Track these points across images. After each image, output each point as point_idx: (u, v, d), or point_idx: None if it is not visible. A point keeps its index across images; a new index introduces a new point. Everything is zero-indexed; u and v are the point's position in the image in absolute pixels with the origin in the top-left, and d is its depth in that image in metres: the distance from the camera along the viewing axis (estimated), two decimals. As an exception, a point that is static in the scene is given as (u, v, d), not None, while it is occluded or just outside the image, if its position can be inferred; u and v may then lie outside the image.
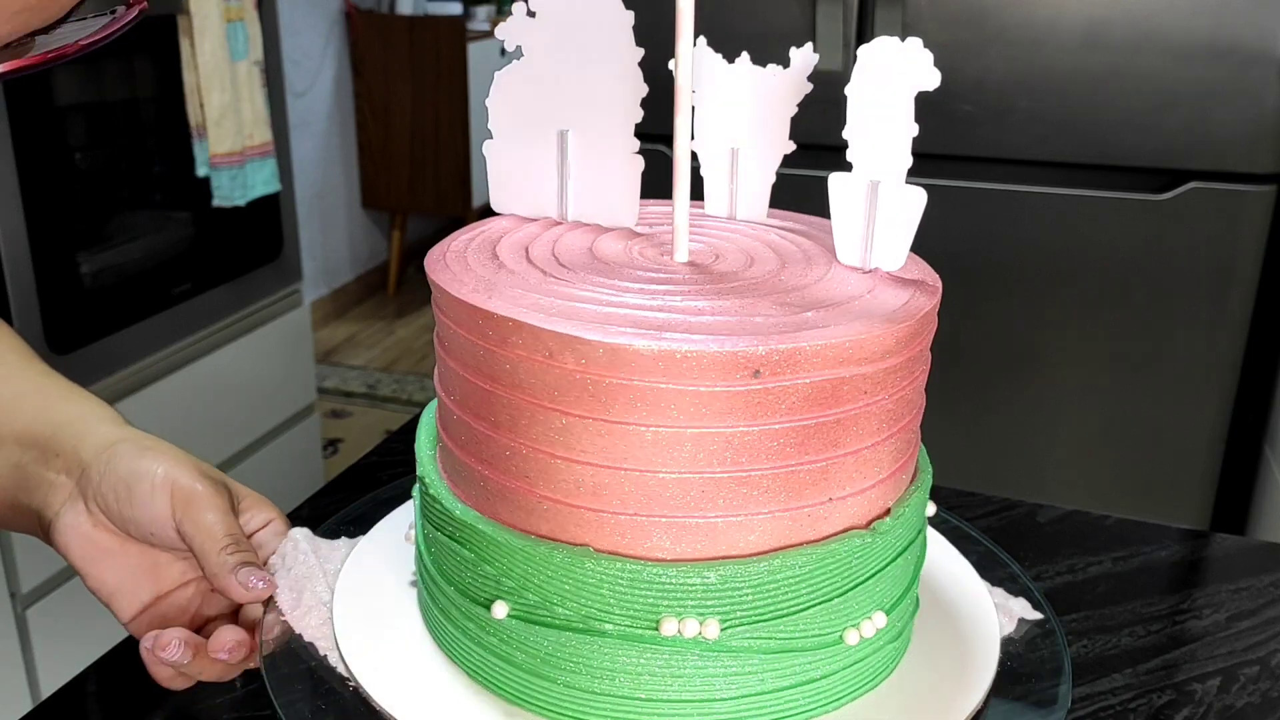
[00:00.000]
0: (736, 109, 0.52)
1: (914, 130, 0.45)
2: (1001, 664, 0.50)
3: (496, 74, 0.49)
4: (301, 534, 0.53)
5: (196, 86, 1.60)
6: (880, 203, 0.46)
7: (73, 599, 1.48)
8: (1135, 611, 0.61)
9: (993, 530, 0.68)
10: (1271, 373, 1.49)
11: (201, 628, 0.53)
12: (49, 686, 1.43)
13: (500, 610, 0.44)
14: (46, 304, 1.40)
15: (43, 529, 0.53)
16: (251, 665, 0.50)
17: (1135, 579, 0.64)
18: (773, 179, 0.54)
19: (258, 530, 0.54)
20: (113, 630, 0.60)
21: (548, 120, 0.49)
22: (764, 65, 0.53)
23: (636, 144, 0.49)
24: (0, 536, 1.37)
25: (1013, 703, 0.48)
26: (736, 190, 0.54)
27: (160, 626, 0.50)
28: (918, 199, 0.45)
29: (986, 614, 0.53)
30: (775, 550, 0.43)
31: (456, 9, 3.36)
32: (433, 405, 0.52)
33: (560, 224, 0.52)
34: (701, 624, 0.42)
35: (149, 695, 0.52)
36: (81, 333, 1.46)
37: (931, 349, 0.48)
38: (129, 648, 0.56)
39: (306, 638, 0.49)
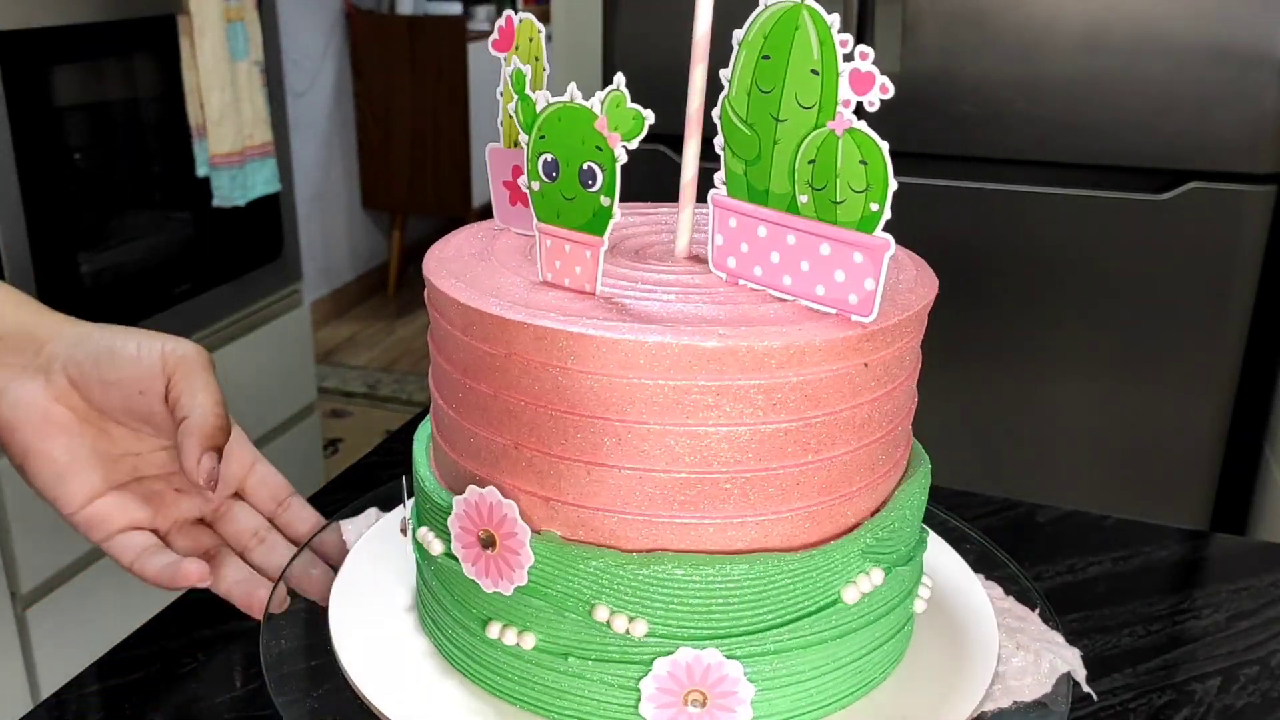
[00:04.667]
0: None
1: None
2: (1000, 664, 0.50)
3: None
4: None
5: (196, 86, 1.60)
6: None
7: (73, 599, 1.48)
8: (1135, 611, 0.61)
9: (992, 530, 0.68)
10: (1271, 373, 1.49)
11: (169, 528, 0.52)
12: (49, 686, 1.43)
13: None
14: (46, 304, 1.39)
15: None
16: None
17: (1135, 579, 0.64)
18: None
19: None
20: (113, 630, 0.60)
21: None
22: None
23: None
24: (0, 536, 1.37)
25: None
26: None
27: (120, 516, 0.49)
28: None
29: (986, 615, 0.53)
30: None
31: (456, 9, 3.36)
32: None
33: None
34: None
35: (149, 695, 0.52)
36: (81, 333, 1.46)
37: (931, 349, 0.48)
38: (129, 647, 0.56)
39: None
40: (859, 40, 1.45)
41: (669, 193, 0.51)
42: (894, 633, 0.48)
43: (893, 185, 0.38)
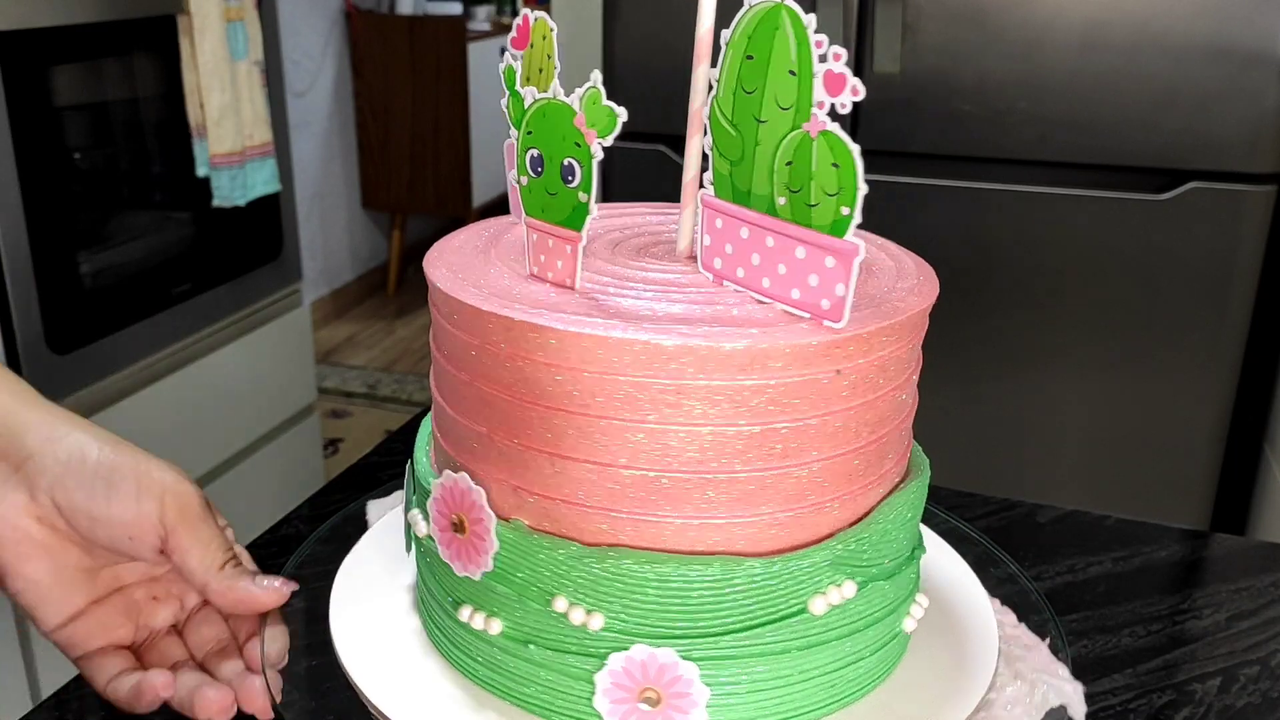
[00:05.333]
0: None
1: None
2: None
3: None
4: None
5: (196, 86, 1.60)
6: None
7: (73, 599, 1.48)
8: (1135, 611, 0.61)
9: (992, 530, 0.68)
10: (1271, 373, 1.49)
11: (144, 641, 0.50)
12: (49, 686, 1.43)
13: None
14: (46, 304, 1.40)
15: None
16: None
17: (1135, 579, 0.64)
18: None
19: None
20: (112, 630, 0.60)
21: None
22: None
23: None
24: (0, 536, 1.37)
25: (1012, 703, 0.48)
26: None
27: (100, 635, 0.48)
28: None
29: (986, 614, 0.53)
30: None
31: (456, 9, 3.37)
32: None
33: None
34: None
35: (149, 695, 0.52)
36: (81, 333, 1.47)
37: (931, 349, 0.48)
38: (129, 648, 0.56)
39: None
40: (859, 40, 1.45)
41: (669, 193, 0.51)
42: (875, 648, 0.47)
43: (862, 189, 0.38)
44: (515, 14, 4.01)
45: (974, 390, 1.54)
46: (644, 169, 1.50)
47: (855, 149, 0.38)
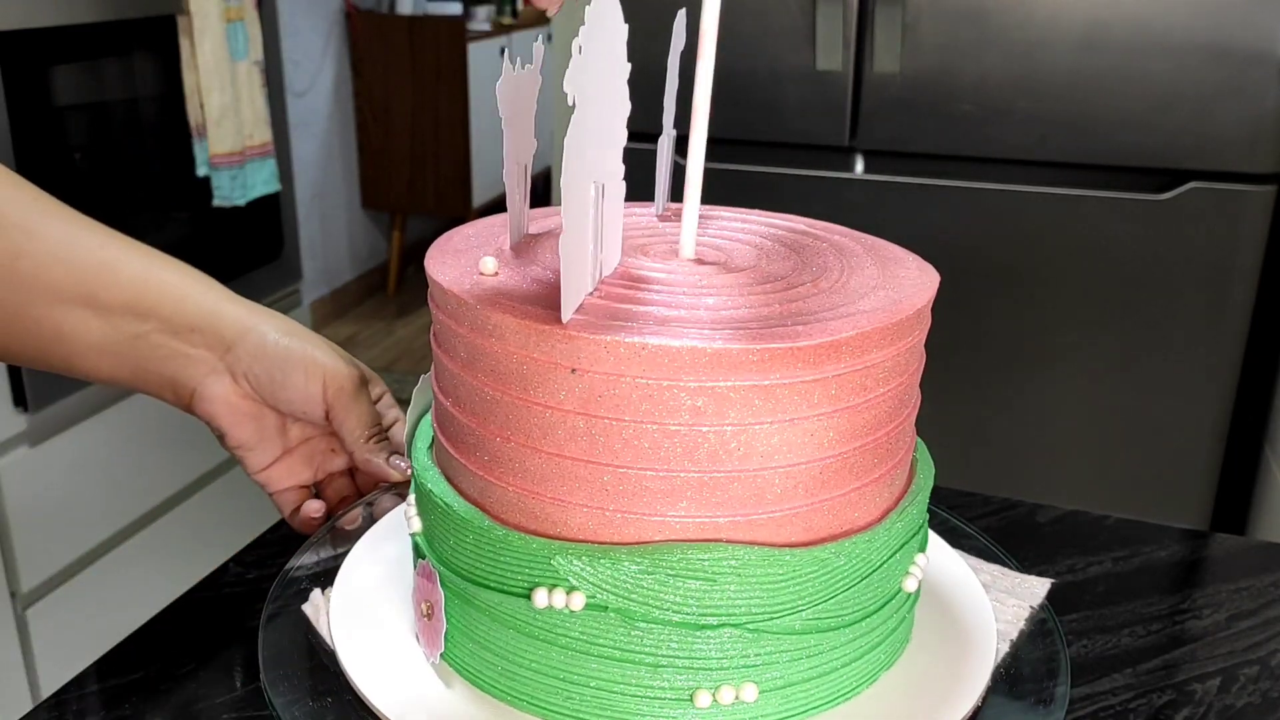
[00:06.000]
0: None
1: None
2: (1000, 663, 0.50)
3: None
4: None
5: (196, 86, 1.60)
6: None
7: (73, 599, 1.48)
8: (1135, 611, 0.61)
9: (993, 530, 0.68)
10: (1271, 373, 1.49)
11: (323, 480, 0.65)
12: (49, 686, 1.43)
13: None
14: (46, 304, 1.40)
15: (178, 396, 0.60)
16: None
17: (1135, 579, 0.64)
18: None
19: (376, 402, 0.65)
20: (112, 630, 0.60)
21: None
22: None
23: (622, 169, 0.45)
24: (0, 537, 1.37)
25: (1011, 702, 0.48)
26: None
27: (288, 478, 0.63)
28: None
29: (985, 614, 0.53)
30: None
31: (456, 9, 3.36)
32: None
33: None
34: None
35: (149, 694, 0.53)
36: (81, 333, 1.46)
37: (931, 349, 0.48)
38: (129, 647, 0.56)
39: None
40: (859, 40, 1.45)
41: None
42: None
43: None
44: (515, 14, 3.99)
45: (974, 390, 1.55)
46: (644, 169, 1.50)
47: None
